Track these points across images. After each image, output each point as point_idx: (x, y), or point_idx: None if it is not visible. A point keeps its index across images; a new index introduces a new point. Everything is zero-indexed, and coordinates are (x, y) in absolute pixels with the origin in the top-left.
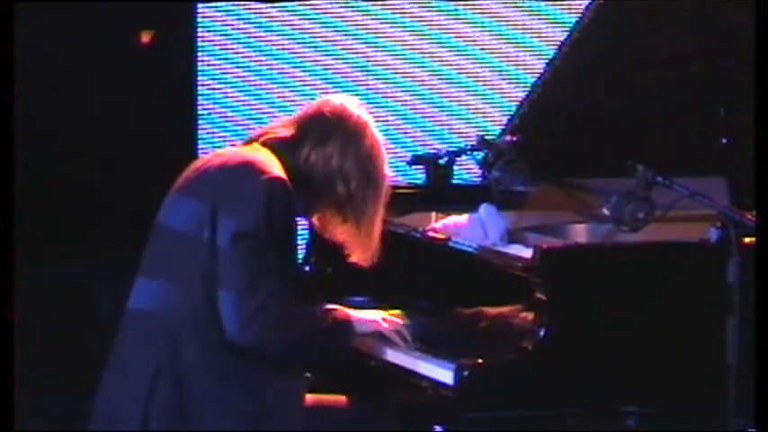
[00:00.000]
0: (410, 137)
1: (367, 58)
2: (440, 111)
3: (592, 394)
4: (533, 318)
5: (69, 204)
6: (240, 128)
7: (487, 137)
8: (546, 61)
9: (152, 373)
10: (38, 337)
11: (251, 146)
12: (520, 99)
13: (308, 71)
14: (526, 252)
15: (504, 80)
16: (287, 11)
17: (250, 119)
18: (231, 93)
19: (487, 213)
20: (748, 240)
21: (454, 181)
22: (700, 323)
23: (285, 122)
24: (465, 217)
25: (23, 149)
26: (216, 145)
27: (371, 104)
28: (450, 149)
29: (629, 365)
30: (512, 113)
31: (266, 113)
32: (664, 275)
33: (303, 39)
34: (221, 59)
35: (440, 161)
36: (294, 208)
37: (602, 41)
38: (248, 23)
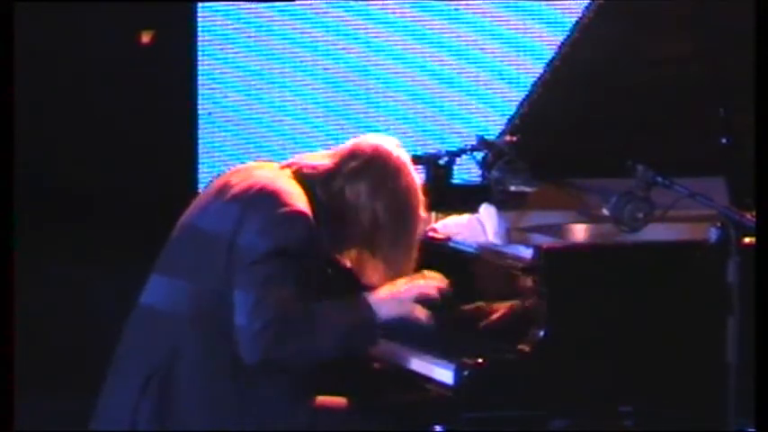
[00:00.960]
0: (409, 138)
1: (366, 59)
2: (439, 112)
3: (592, 394)
4: (533, 318)
5: (69, 204)
6: (240, 128)
7: (487, 137)
8: (544, 63)
9: (145, 377)
10: (38, 337)
11: (282, 172)
12: (518, 100)
13: (308, 72)
14: (526, 252)
15: (502, 81)
16: (286, 12)
17: (250, 119)
18: (231, 93)
19: (487, 213)
20: (748, 240)
21: (454, 181)
22: (700, 323)
23: (322, 154)
24: (465, 217)
25: (23, 149)
26: (216, 145)
27: (371, 106)
28: (449, 150)
29: (629, 365)
30: (510, 115)
31: (266, 114)
32: (664, 275)
33: (303, 40)
34: (221, 60)
35: (439, 161)
36: (313, 240)
37: (601, 41)
38: (248, 24)
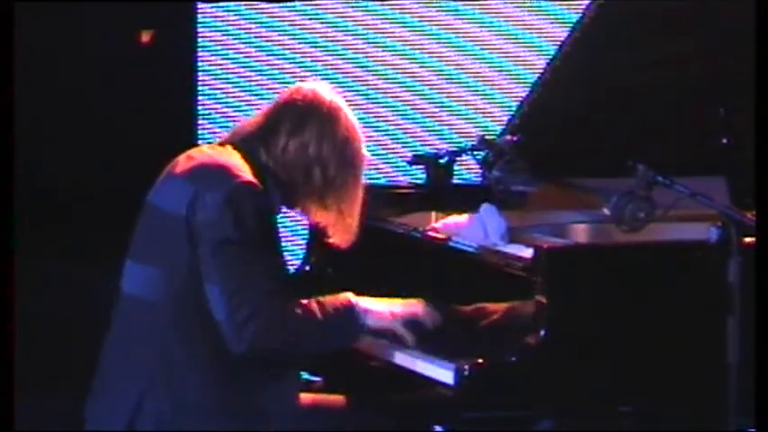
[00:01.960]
0: (412, 135)
1: (368, 57)
2: (442, 109)
3: (592, 394)
4: (533, 318)
5: (69, 204)
6: None
7: (488, 137)
8: (547, 60)
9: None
10: (38, 337)
11: (223, 148)
12: (522, 98)
13: (309, 70)
14: (526, 252)
15: (506, 78)
16: (287, 9)
17: None
18: (232, 92)
19: (487, 213)
20: (748, 240)
21: (455, 181)
22: (700, 323)
23: (256, 116)
24: (465, 217)
25: (23, 149)
26: None
27: (373, 103)
28: (450, 149)
29: (629, 365)
30: (514, 112)
31: None
32: (664, 275)
33: (304, 37)
34: (222, 59)
35: (440, 161)
36: (267, 209)
37: (602, 41)
38: (248, 22)
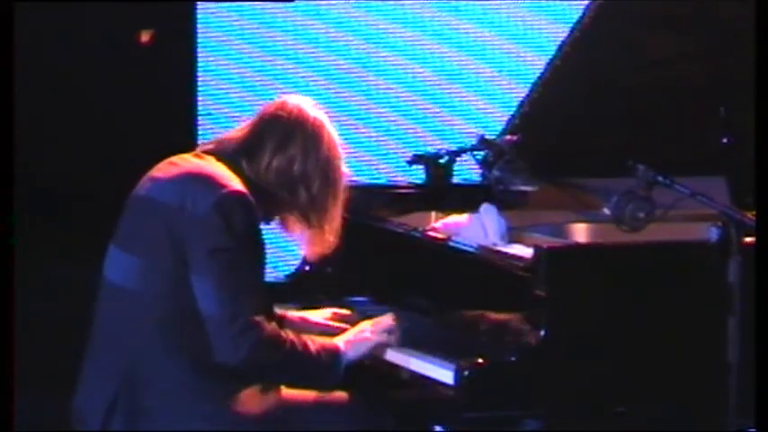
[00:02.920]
0: (412, 135)
1: (368, 56)
2: (442, 108)
3: (592, 394)
4: (533, 318)
5: (69, 204)
6: None
7: (488, 136)
8: (547, 59)
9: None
10: (38, 337)
11: (206, 159)
12: (522, 97)
13: (309, 69)
14: (526, 252)
15: (505, 78)
16: (287, 9)
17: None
18: (232, 91)
19: (487, 213)
20: (748, 240)
21: (454, 180)
22: (700, 323)
23: (239, 129)
24: (465, 217)
25: (23, 149)
26: None
27: (373, 102)
28: (450, 149)
29: (629, 365)
30: (513, 111)
31: None
32: (664, 275)
33: (304, 37)
34: (221, 58)
35: (440, 160)
36: (257, 219)
37: (602, 41)
38: (248, 22)
